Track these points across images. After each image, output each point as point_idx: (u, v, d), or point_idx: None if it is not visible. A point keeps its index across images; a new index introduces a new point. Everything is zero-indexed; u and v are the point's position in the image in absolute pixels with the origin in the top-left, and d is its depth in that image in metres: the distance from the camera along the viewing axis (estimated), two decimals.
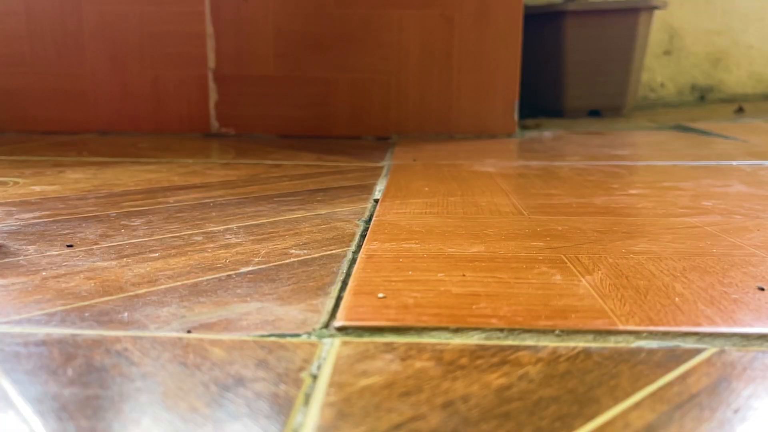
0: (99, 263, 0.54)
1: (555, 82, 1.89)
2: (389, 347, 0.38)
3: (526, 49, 1.47)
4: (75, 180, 0.93)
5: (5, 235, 0.63)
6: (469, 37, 1.46)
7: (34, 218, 0.70)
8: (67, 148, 1.29)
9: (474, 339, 0.39)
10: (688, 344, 0.38)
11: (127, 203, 0.77)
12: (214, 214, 0.72)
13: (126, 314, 0.43)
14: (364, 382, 0.33)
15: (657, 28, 2.08)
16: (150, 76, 1.55)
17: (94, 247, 0.59)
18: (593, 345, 0.38)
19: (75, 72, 1.56)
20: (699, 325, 0.40)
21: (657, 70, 2.19)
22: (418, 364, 0.35)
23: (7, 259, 0.55)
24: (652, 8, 1.86)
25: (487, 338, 0.39)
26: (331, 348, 0.38)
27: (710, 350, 0.37)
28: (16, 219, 0.69)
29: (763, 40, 2.23)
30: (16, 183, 0.91)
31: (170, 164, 1.09)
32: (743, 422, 0.30)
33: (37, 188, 0.87)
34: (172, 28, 1.52)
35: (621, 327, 0.40)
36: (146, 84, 1.55)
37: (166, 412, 0.30)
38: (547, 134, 1.52)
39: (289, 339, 0.39)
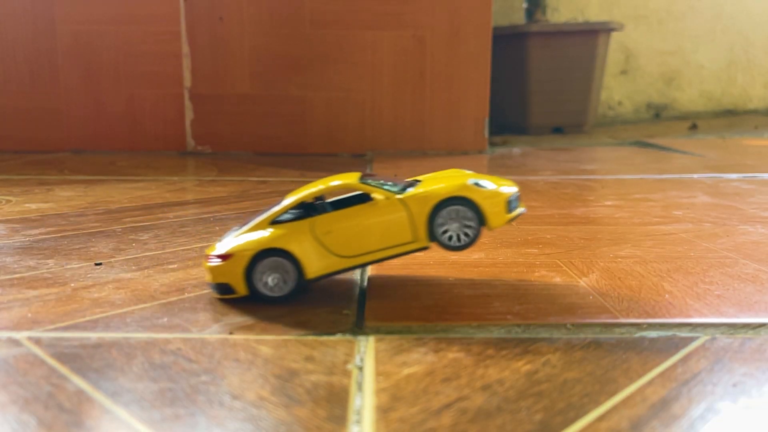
0: (122, 275, 0.57)
1: (520, 100, 1.97)
2: (420, 342, 0.42)
3: (492, 69, 1.54)
4: (67, 197, 0.95)
5: (20, 250, 0.65)
6: (440, 58, 1.52)
7: (41, 234, 0.71)
8: (45, 166, 1.30)
9: (495, 333, 0.43)
10: (684, 333, 0.43)
11: (128, 219, 0.79)
12: (217, 228, 0.75)
13: (165, 319, 0.46)
14: (407, 371, 0.37)
15: (614, 48, 2.18)
16: (125, 94, 1.56)
17: (112, 260, 0.61)
18: (601, 336, 0.42)
19: (48, 91, 1.57)
20: (690, 316, 0.45)
21: (615, 89, 2.30)
22: (451, 355, 0.39)
23: (30, 273, 0.57)
24: (609, 30, 1.95)
25: (506, 332, 0.43)
26: (368, 344, 0.41)
27: (703, 338, 0.42)
28: (23, 235, 0.71)
29: (712, 61, 2.36)
30: (8, 201, 0.92)
31: (157, 182, 1.11)
32: (743, 393, 0.34)
33: (32, 206, 0.88)
34: (147, 48, 1.54)
35: (623, 320, 0.45)
36: (121, 102, 1.56)
37: (238, 401, 0.34)
38: (516, 150, 1.59)
39: (326, 337, 0.42)
